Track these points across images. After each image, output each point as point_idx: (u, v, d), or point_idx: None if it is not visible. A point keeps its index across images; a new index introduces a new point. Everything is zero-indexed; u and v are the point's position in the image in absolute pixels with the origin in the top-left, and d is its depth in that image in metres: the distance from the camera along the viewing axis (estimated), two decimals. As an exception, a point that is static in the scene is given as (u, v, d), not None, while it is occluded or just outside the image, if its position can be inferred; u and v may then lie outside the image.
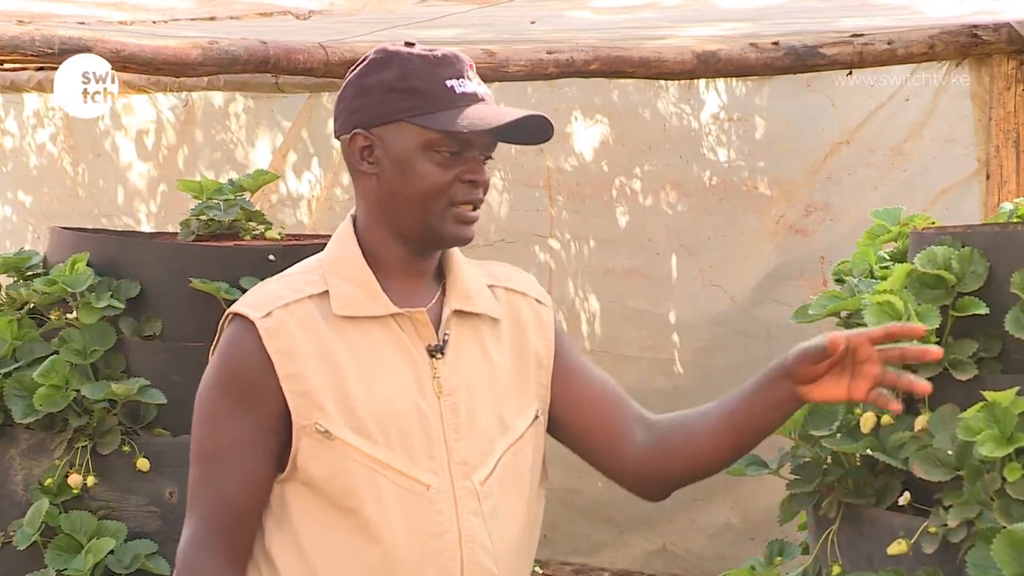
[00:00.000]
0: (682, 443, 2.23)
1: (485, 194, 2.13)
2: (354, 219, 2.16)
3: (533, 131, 2.13)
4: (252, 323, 2.06)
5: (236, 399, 2.07)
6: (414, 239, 2.11)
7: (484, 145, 2.10)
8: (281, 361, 2.05)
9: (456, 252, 2.19)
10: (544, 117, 2.11)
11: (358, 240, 2.13)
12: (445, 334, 2.12)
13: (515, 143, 2.16)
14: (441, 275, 2.18)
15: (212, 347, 2.13)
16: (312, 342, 2.06)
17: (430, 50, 2.11)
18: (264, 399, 2.06)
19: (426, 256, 2.14)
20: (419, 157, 2.08)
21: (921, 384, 2.08)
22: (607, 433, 2.25)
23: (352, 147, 2.12)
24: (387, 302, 2.10)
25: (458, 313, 2.14)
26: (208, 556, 2.08)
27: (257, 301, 2.09)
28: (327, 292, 2.09)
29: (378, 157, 2.10)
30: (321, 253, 2.16)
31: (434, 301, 2.14)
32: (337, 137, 2.16)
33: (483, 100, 2.10)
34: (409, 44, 2.12)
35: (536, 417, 2.21)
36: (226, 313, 2.12)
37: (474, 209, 2.11)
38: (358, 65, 2.14)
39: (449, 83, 2.08)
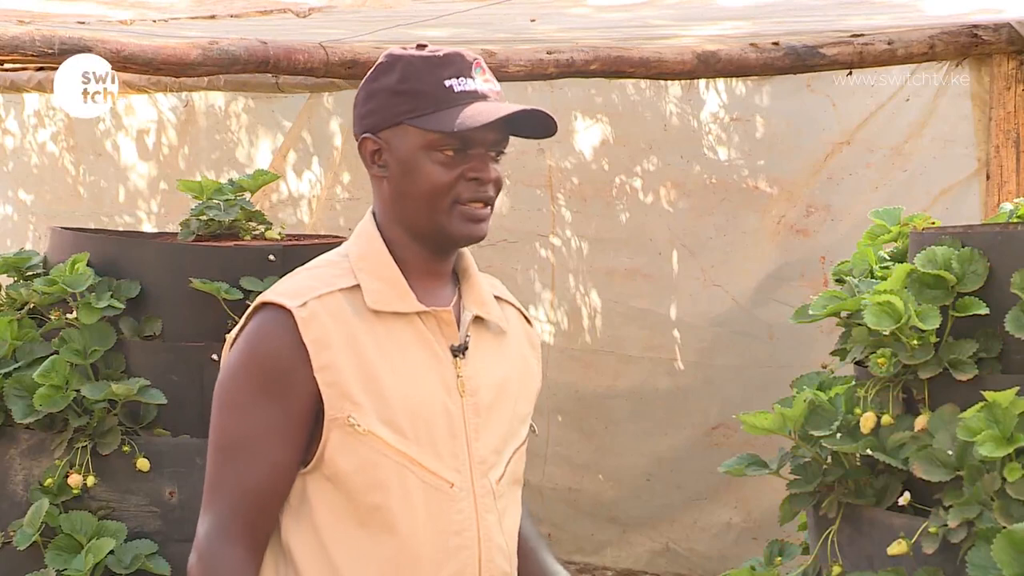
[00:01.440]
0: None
1: (498, 191, 2.14)
2: (374, 215, 2.18)
3: (537, 125, 2.14)
4: (288, 312, 2.06)
5: (265, 387, 2.06)
6: (427, 239, 2.13)
7: (490, 142, 2.11)
8: (316, 351, 2.05)
9: (471, 258, 2.22)
10: (542, 111, 2.11)
11: (383, 238, 2.15)
12: (466, 335, 2.15)
13: (524, 136, 2.16)
14: (455, 278, 2.21)
15: (235, 336, 2.13)
16: (344, 335, 2.07)
17: (435, 51, 2.12)
18: (295, 389, 2.06)
19: (443, 257, 2.17)
20: (422, 158, 2.09)
21: None
22: None
23: (364, 151, 2.15)
24: (414, 300, 2.12)
25: (474, 317, 2.17)
26: (231, 545, 2.07)
27: (291, 291, 2.10)
28: (357, 286, 2.11)
29: (387, 160, 2.12)
30: (342, 248, 2.18)
31: (452, 304, 2.17)
32: (357, 141, 2.19)
33: (486, 97, 2.11)
34: (421, 46, 2.14)
35: (532, 425, 2.27)
36: (256, 302, 2.13)
37: (484, 206, 2.12)
38: (369, 72, 2.16)
39: (448, 82, 2.09)
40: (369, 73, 2.16)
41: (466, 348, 2.14)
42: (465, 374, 2.13)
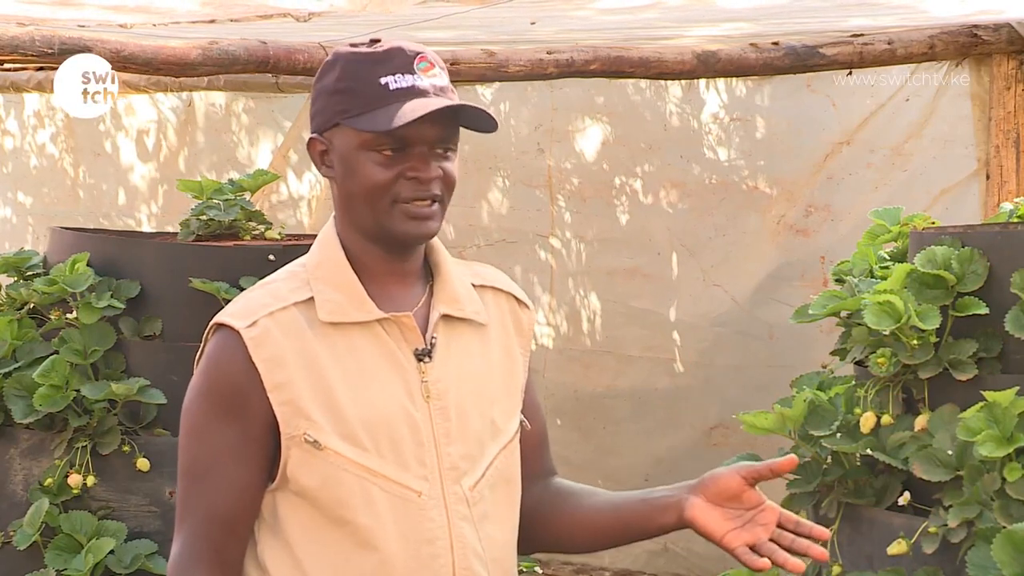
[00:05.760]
0: (565, 513, 2.27)
1: (448, 188, 2.08)
2: (335, 220, 2.14)
3: (476, 118, 2.08)
4: (237, 333, 2.03)
5: (223, 410, 2.04)
6: (377, 239, 2.09)
7: (431, 139, 2.05)
8: (268, 370, 2.02)
9: (443, 252, 2.17)
10: (473, 106, 2.06)
11: (341, 243, 2.11)
12: (432, 337, 2.10)
13: (472, 129, 2.10)
14: (427, 275, 2.16)
15: (196, 359, 2.10)
16: (298, 351, 2.04)
17: (378, 47, 2.07)
18: (251, 410, 2.03)
19: (402, 256, 2.11)
20: (360, 158, 2.05)
21: (794, 564, 2.10)
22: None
23: (312, 152, 2.11)
24: (373, 307, 2.07)
25: (446, 316, 2.12)
26: (199, 570, 2.06)
27: (241, 310, 2.06)
28: (312, 299, 2.07)
29: (332, 160, 2.08)
30: (303, 257, 2.14)
31: (421, 304, 2.12)
32: None
33: (424, 93, 2.05)
34: (375, 41, 2.09)
35: (522, 419, 2.21)
36: (210, 324, 2.09)
37: (431, 204, 2.06)
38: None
39: (384, 80, 2.04)
40: (317, 74, 2.12)
41: (431, 351, 2.09)
42: (431, 378, 2.08)
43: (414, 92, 2.04)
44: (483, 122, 2.08)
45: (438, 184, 2.06)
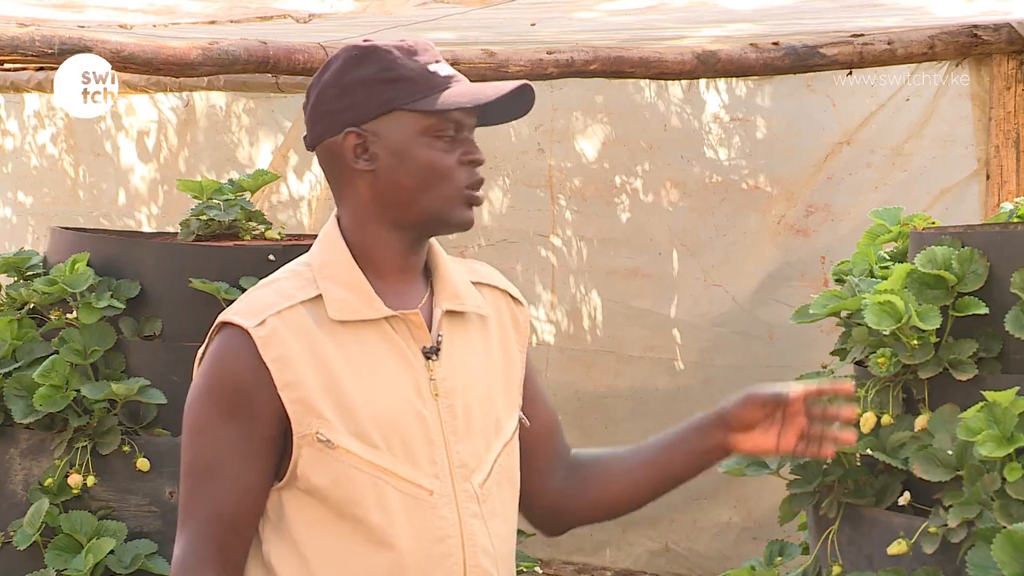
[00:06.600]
0: (598, 484, 2.29)
1: None
2: (339, 219, 2.13)
3: (517, 104, 2.11)
4: (246, 332, 2.02)
5: (229, 409, 2.03)
6: (415, 228, 2.08)
7: (471, 125, 2.09)
8: (278, 369, 2.01)
9: (440, 250, 2.17)
10: (528, 85, 2.08)
11: (346, 242, 2.11)
12: (439, 335, 2.10)
13: (496, 122, 2.14)
14: (427, 274, 2.16)
15: (199, 357, 2.09)
16: (307, 349, 2.03)
17: (402, 40, 2.09)
18: (259, 409, 2.02)
19: (419, 249, 2.12)
20: (420, 143, 2.05)
21: (846, 436, 2.18)
22: (537, 461, 2.27)
23: (344, 147, 2.07)
24: (381, 304, 2.07)
25: (448, 313, 2.13)
26: (203, 570, 2.06)
27: (249, 309, 2.05)
28: (319, 297, 2.06)
29: (374, 152, 2.06)
30: (306, 256, 2.13)
31: (424, 301, 2.12)
32: (317, 143, 2.11)
33: (460, 80, 2.08)
34: (367, 41, 2.10)
35: (521, 416, 2.22)
36: (216, 323, 2.08)
37: (479, 191, 2.10)
38: (327, 69, 2.10)
39: (432, 67, 2.06)
40: (331, 70, 2.09)
41: (438, 349, 2.10)
42: (439, 376, 2.08)
43: (455, 78, 2.08)
44: (514, 112, 2.12)
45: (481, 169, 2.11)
